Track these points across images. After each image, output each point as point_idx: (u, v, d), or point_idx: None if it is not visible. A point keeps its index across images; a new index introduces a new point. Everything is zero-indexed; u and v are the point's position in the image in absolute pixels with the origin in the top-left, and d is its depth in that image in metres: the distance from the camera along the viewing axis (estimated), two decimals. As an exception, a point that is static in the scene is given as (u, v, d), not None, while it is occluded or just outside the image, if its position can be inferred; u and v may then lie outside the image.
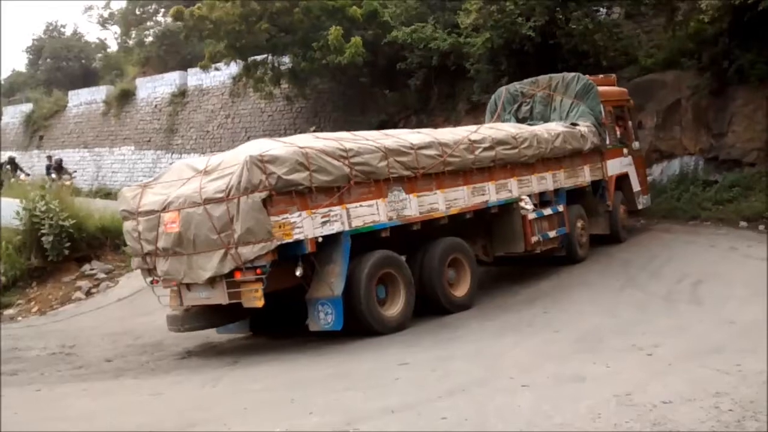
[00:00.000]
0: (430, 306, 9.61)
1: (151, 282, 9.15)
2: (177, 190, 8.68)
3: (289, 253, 8.22)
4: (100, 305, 13.19)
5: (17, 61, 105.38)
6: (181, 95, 27.97)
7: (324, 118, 22.96)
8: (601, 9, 17.36)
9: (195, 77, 27.38)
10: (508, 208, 11.02)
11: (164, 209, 8.67)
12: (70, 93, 33.35)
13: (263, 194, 7.88)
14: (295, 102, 23.28)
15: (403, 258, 9.39)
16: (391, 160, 9.22)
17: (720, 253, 11.44)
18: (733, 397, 4.95)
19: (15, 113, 35.50)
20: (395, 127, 18.23)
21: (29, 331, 11.83)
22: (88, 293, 13.92)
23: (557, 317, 8.70)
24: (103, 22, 45.30)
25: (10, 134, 35.07)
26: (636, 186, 14.04)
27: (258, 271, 8.03)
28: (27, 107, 35.04)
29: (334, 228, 8.50)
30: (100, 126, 30.89)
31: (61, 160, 24.36)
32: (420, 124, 18.44)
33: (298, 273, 8.34)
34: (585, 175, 12.74)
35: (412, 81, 19.58)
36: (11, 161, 26.13)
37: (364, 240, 8.92)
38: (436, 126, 15.96)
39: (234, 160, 8.25)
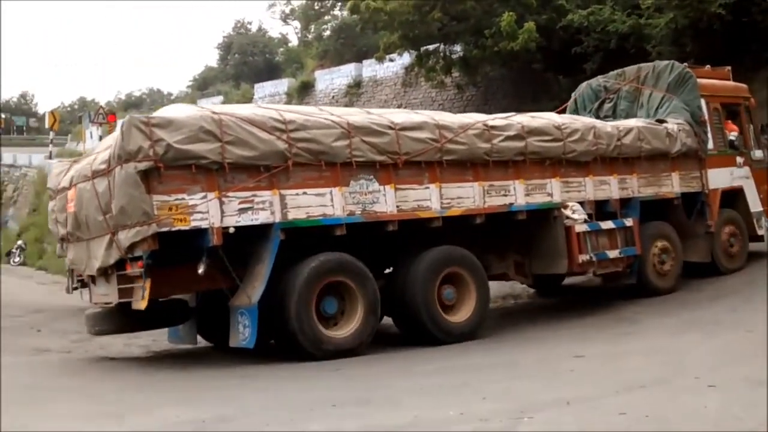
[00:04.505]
0: (417, 333, 7.92)
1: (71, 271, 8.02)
2: (83, 163, 7.54)
3: (194, 245, 6.81)
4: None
5: (209, 57, 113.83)
6: (356, 86, 28.88)
7: (494, 105, 22.74)
8: (808, -21, 15.74)
9: (369, 68, 28.17)
10: (547, 215, 8.85)
11: (70, 185, 7.50)
12: (256, 86, 35.56)
13: (142, 165, 6.38)
14: (466, 90, 23.28)
15: (362, 264, 7.48)
16: (356, 140, 7.44)
17: None
18: None
19: (208, 106, 38.52)
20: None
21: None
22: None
23: (747, 316, 8.08)
24: (285, 18, 47.98)
25: (204, 125, 38.08)
26: (756, 205, 11.28)
27: (139, 263, 6.65)
28: (218, 100, 37.85)
29: (258, 218, 6.91)
30: (282, 117, 32.67)
31: None
32: (596, 111, 17.78)
33: (200, 271, 6.87)
34: (672, 185, 10.19)
35: (588, 65, 18.84)
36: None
37: (314, 239, 7.33)
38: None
39: None
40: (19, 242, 25.36)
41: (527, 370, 6.57)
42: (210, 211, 6.69)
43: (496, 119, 8.84)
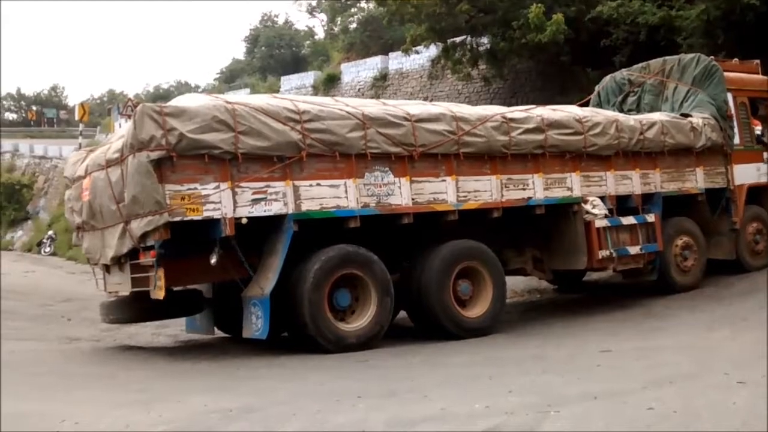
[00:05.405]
0: (431, 328, 7.86)
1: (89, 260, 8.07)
2: (98, 152, 7.52)
3: (207, 235, 6.80)
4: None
5: (237, 50, 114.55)
6: (382, 79, 28.86)
7: (522, 98, 22.59)
8: None
9: (395, 61, 28.14)
10: (566, 210, 8.72)
11: (86, 174, 7.52)
12: (282, 78, 35.68)
13: (155, 154, 6.35)
14: (493, 83, 23.13)
15: (374, 256, 7.37)
16: (372, 131, 7.35)
17: None
18: None
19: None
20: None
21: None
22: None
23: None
24: (311, 11, 48.02)
25: (231, 118, 38.33)
26: None
27: (152, 253, 6.63)
28: (245, 92, 38.07)
29: (272, 209, 6.88)
30: (308, 109, 32.75)
31: None
32: (624, 104, 17.54)
33: (212, 261, 6.84)
34: (696, 181, 10.01)
35: (617, 58, 18.59)
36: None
37: (327, 231, 7.27)
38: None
39: None
40: (50, 232, 25.79)
41: (554, 364, 6.54)
42: (222, 201, 6.66)
43: (515, 111, 8.71)
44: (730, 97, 10.69)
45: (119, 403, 5.48)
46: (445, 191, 7.85)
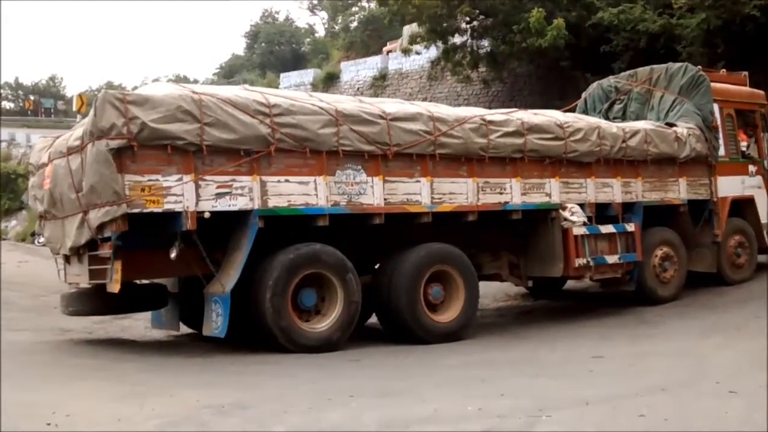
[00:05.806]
0: (400, 332, 7.70)
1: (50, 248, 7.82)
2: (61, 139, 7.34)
3: (167, 229, 6.64)
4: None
5: (236, 46, 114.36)
6: (381, 78, 28.87)
7: (520, 102, 22.64)
8: None
9: (395, 61, 28.16)
10: (544, 216, 8.61)
11: (48, 161, 7.35)
12: (282, 75, 35.65)
13: (114, 143, 6.16)
14: (492, 86, 23.19)
15: (341, 255, 7.20)
16: (345, 128, 7.18)
17: None
18: None
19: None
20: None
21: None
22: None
23: (771, 323, 7.99)
24: (312, 8, 48.03)
25: (228, 113, 38.31)
26: (765, 216, 10.90)
27: (109, 244, 6.49)
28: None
29: (237, 204, 6.69)
30: (307, 107, 32.75)
31: None
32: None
33: (172, 255, 6.66)
34: (679, 191, 9.85)
35: (617, 64, 18.64)
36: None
37: (296, 228, 7.12)
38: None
39: None
40: (44, 223, 25.68)
41: (547, 369, 6.56)
42: (185, 194, 6.48)
43: (495, 114, 8.58)
44: (716, 107, 10.56)
45: (111, 396, 5.47)
46: (419, 192, 7.69)
